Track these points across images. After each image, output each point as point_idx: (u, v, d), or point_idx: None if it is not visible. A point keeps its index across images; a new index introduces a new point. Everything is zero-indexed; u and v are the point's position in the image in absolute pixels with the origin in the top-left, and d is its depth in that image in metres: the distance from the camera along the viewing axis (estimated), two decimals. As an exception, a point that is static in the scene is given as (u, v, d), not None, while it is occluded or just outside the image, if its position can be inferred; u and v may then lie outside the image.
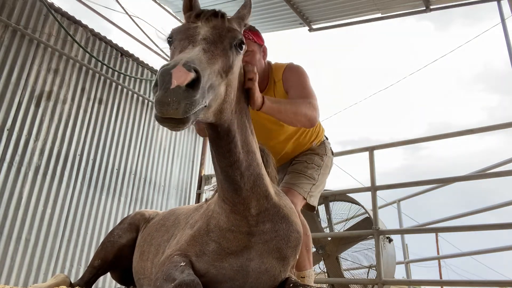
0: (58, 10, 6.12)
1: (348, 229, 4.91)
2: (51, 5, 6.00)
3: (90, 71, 6.44)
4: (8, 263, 4.97)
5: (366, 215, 4.80)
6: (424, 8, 5.91)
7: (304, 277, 2.27)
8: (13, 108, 5.34)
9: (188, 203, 7.67)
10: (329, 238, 4.93)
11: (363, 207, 4.87)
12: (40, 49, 5.81)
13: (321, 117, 2.25)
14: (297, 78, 2.35)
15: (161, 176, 7.38)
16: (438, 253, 16.99)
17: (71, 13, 6.27)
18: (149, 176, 7.13)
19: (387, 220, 5.29)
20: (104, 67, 6.66)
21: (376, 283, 4.18)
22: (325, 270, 4.97)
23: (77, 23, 6.37)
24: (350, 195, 5.03)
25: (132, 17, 7.18)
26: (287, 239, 1.75)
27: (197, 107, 1.19)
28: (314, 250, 4.80)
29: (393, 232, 4.91)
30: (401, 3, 5.97)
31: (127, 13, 7.08)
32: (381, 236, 4.31)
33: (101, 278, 3.33)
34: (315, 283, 4.00)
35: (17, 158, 5.27)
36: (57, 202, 5.64)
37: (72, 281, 2.61)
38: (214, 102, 1.35)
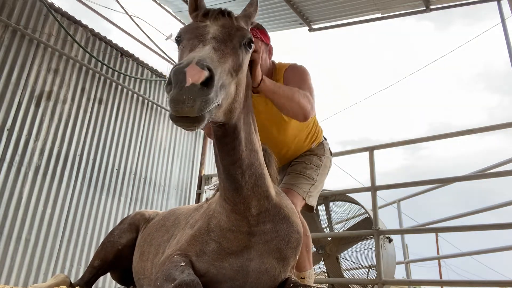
0: (58, 10, 6.12)
1: (348, 229, 4.91)
2: (51, 5, 6.00)
3: (90, 71, 6.44)
4: (8, 263, 4.97)
5: (366, 215, 4.80)
6: (424, 8, 5.91)
7: (304, 278, 2.26)
8: (13, 108, 5.34)
9: (188, 203, 7.67)
10: (329, 238, 4.93)
11: (363, 207, 4.88)
12: (40, 49, 5.81)
13: (321, 117, 2.26)
14: (298, 76, 2.34)
15: (161, 176, 7.37)
16: (438, 253, 17.01)
17: (71, 13, 6.28)
18: (149, 176, 7.13)
19: (387, 220, 5.29)
20: (104, 67, 6.66)
21: (376, 283, 4.18)
22: (325, 270, 4.98)
23: (77, 23, 6.37)
24: (350, 195, 5.04)
25: (132, 17, 7.18)
26: (288, 240, 1.75)
27: (211, 106, 1.18)
28: (314, 250, 4.80)
29: (393, 232, 4.91)
30: (401, 3, 5.97)
31: (127, 13, 7.09)
32: (381, 236, 4.32)
33: (101, 278, 3.33)
34: (315, 283, 4.00)
35: (17, 158, 5.27)
36: (57, 202, 5.64)
37: (72, 281, 2.61)
38: (225, 101, 1.34)
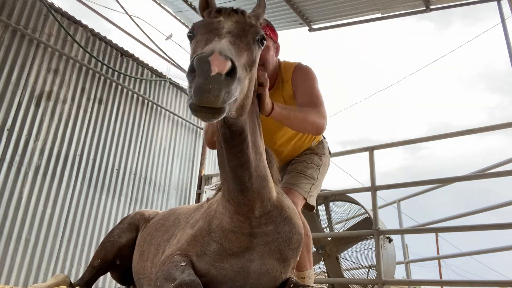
0: (58, 10, 6.12)
1: (348, 229, 4.91)
2: (51, 5, 6.01)
3: (90, 71, 6.44)
4: (8, 263, 4.97)
5: (366, 215, 4.80)
6: (424, 8, 5.91)
7: (304, 278, 2.26)
8: (13, 108, 5.34)
9: (188, 203, 7.67)
10: (329, 238, 4.93)
11: (363, 207, 4.87)
12: (40, 49, 5.81)
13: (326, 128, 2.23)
14: (306, 82, 2.33)
15: (161, 176, 7.38)
16: (438, 253, 17.00)
17: (71, 13, 6.29)
18: (149, 176, 7.13)
19: (387, 220, 5.29)
20: (104, 67, 6.66)
21: (376, 283, 4.17)
22: (325, 270, 4.97)
23: (77, 23, 6.38)
24: (350, 195, 5.03)
25: (132, 17, 7.19)
26: (289, 241, 1.74)
27: (233, 98, 1.16)
28: (314, 250, 4.79)
29: (393, 232, 4.91)
30: (401, 3, 5.97)
31: (127, 13, 7.09)
32: (381, 236, 4.31)
33: (101, 278, 3.34)
34: (315, 283, 4.00)
35: (17, 158, 5.27)
36: (57, 202, 5.64)
37: (72, 281, 2.61)
38: (240, 97, 1.32)
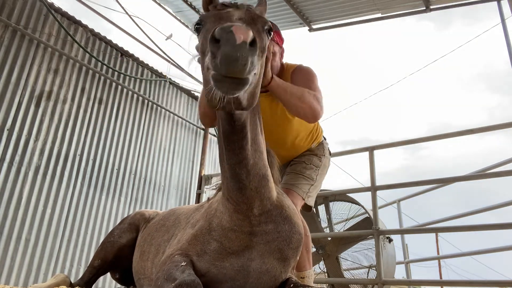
0: (58, 10, 6.12)
1: (348, 229, 4.91)
2: (51, 5, 6.00)
3: (90, 71, 6.44)
4: (8, 263, 4.97)
5: (366, 215, 4.80)
6: (424, 8, 5.91)
7: (304, 278, 2.26)
8: (13, 108, 5.34)
9: (188, 203, 7.67)
10: (329, 238, 4.93)
11: (363, 207, 4.88)
12: (40, 49, 5.81)
13: (321, 117, 2.24)
14: (306, 77, 2.34)
15: (161, 176, 7.38)
16: (438, 253, 17.00)
17: (71, 13, 6.28)
18: (149, 176, 7.13)
19: (387, 220, 5.29)
20: (104, 67, 6.66)
21: (376, 283, 4.18)
22: (325, 270, 4.98)
23: (77, 23, 6.37)
24: (350, 195, 5.04)
25: (132, 17, 7.18)
26: (289, 241, 1.74)
27: (254, 70, 1.16)
28: (314, 250, 4.80)
29: (393, 232, 4.91)
30: (401, 3, 5.97)
31: (127, 13, 7.09)
32: (381, 236, 4.32)
33: (101, 278, 3.34)
34: (315, 283, 4.00)
35: (17, 158, 5.27)
36: (57, 202, 5.64)
37: (72, 281, 2.61)
38: (254, 81, 1.32)
